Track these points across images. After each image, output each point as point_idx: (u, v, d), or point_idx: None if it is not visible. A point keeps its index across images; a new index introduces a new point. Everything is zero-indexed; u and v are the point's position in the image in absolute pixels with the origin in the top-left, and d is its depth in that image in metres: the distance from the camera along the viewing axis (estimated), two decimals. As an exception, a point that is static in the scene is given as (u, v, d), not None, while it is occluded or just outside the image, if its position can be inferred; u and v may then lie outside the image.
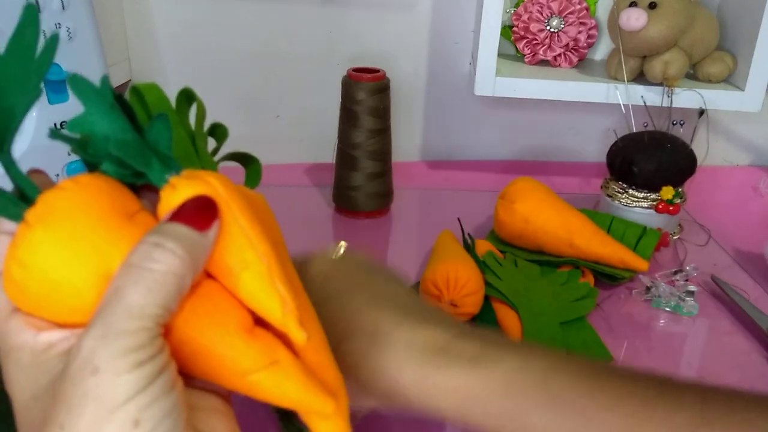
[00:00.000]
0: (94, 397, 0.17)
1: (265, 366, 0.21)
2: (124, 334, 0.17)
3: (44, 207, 0.20)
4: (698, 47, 0.61)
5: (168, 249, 0.19)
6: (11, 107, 0.21)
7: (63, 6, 0.49)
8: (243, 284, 0.21)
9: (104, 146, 0.21)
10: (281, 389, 0.21)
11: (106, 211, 0.20)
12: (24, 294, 0.20)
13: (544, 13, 0.65)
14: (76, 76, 0.22)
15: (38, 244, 0.19)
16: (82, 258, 0.19)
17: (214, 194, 0.21)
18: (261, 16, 0.69)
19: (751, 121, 0.75)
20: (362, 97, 0.59)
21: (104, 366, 0.17)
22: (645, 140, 0.57)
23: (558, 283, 0.48)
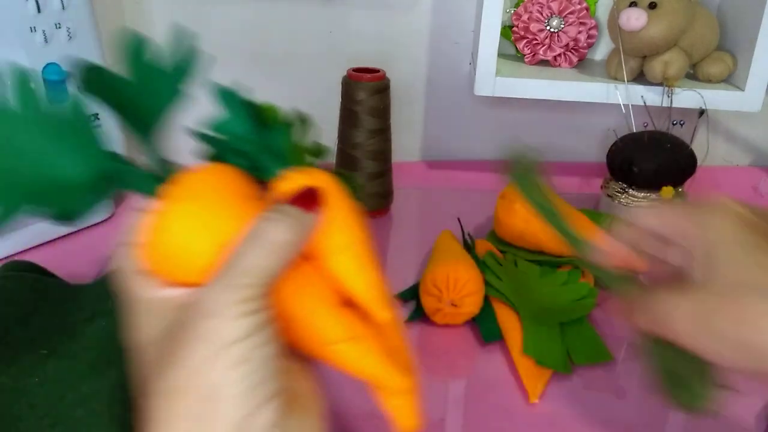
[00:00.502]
0: (206, 337, 0.21)
1: (348, 338, 0.24)
2: (237, 287, 0.21)
3: (181, 185, 0.25)
4: (698, 47, 0.61)
5: (281, 223, 0.23)
6: (154, 109, 0.27)
7: (63, 6, 0.49)
8: (339, 265, 0.25)
9: (235, 144, 0.27)
10: (360, 361, 0.24)
11: (230, 192, 0.25)
12: (156, 254, 0.24)
13: (544, 13, 0.65)
14: (225, 89, 0.29)
15: (174, 214, 0.24)
16: (207, 228, 0.24)
17: (320, 185, 0.25)
18: (261, 16, 0.69)
19: (751, 121, 0.75)
20: (362, 97, 0.59)
21: (219, 312, 0.21)
22: (645, 140, 0.57)
23: (558, 283, 0.48)
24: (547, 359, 0.41)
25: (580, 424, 0.37)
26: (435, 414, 0.37)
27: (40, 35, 0.48)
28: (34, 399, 0.34)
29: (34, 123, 0.25)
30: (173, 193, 0.24)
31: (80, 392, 0.34)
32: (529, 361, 0.41)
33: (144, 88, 0.27)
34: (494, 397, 0.39)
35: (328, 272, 0.25)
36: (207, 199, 0.24)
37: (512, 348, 0.42)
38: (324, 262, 0.25)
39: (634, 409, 0.38)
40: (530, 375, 0.40)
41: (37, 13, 0.48)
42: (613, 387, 0.40)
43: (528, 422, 0.37)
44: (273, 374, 0.22)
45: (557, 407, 0.38)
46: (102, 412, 0.33)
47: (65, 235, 0.55)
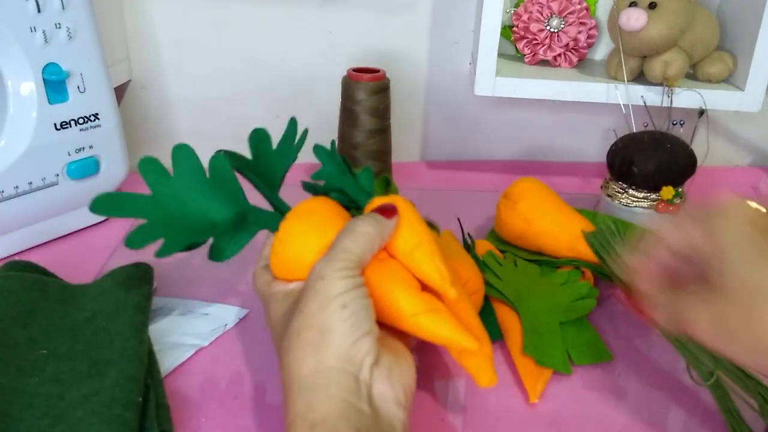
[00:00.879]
0: (320, 291, 0.30)
1: (427, 311, 0.32)
2: (337, 259, 0.31)
3: (297, 209, 0.36)
4: (698, 47, 0.61)
5: (367, 220, 0.33)
6: (278, 169, 0.41)
7: (63, 6, 0.49)
8: (413, 259, 0.34)
9: (332, 184, 0.40)
10: (438, 328, 0.32)
11: (331, 214, 0.36)
12: (281, 261, 0.35)
13: (544, 13, 0.65)
14: (319, 146, 0.41)
15: (293, 228, 0.35)
16: (314, 239, 0.34)
17: (395, 202, 0.35)
18: (261, 16, 0.69)
19: (751, 122, 0.75)
20: (362, 97, 0.59)
21: (325, 275, 0.30)
22: (645, 140, 0.57)
23: (558, 283, 0.48)
24: (547, 359, 0.41)
25: (580, 424, 0.37)
26: (435, 415, 0.37)
27: (40, 35, 0.48)
28: (34, 399, 0.34)
29: (192, 180, 0.36)
30: (288, 218, 0.35)
31: (80, 392, 0.34)
32: (529, 361, 0.41)
33: (266, 161, 0.40)
34: (494, 397, 0.39)
35: (407, 266, 0.34)
36: (313, 218, 0.35)
37: (512, 348, 0.42)
38: (403, 259, 0.34)
39: (635, 409, 0.38)
40: (530, 375, 0.40)
41: (37, 13, 0.48)
42: (613, 387, 0.40)
43: (528, 422, 0.37)
44: (369, 318, 0.30)
45: (557, 407, 0.38)
46: (102, 412, 0.33)
47: (65, 236, 0.55)
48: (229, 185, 0.36)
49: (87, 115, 0.53)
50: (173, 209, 0.35)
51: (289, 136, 0.42)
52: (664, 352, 0.43)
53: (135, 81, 0.71)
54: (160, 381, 0.37)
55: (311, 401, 0.28)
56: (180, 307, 0.45)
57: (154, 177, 0.36)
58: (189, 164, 0.36)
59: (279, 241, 0.35)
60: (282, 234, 0.35)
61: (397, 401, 0.30)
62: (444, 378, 0.40)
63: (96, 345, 0.38)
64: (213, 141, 0.74)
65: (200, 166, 0.36)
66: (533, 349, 0.41)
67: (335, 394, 0.28)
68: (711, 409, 0.38)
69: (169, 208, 0.35)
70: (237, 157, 0.39)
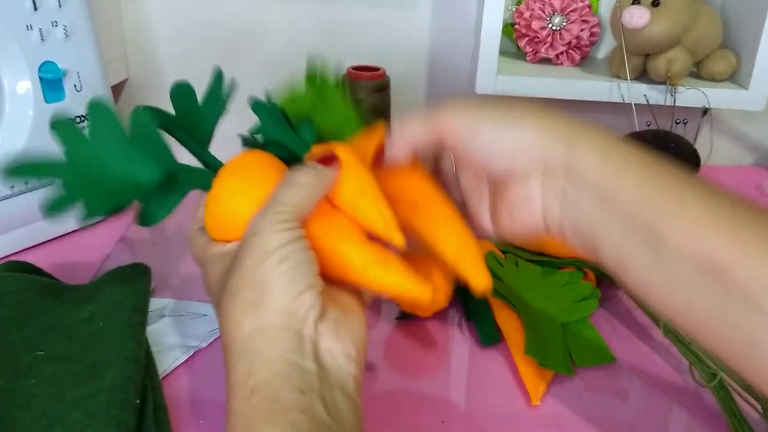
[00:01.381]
0: (255, 246, 0.28)
1: (377, 261, 0.30)
2: (274, 212, 0.28)
3: (230, 164, 0.33)
4: (701, 45, 0.61)
5: (305, 171, 0.30)
6: (207, 124, 0.38)
7: (59, 4, 0.49)
8: (356, 207, 0.31)
9: (270, 137, 0.37)
10: (388, 278, 0.30)
11: (267, 168, 0.33)
12: (216, 221, 0.32)
13: (546, 10, 0.65)
14: (257, 101, 0.38)
15: (227, 184, 0.32)
16: (249, 196, 0.31)
17: (335, 149, 0.32)
18: (260, 14, 0.68)
19: (754, 120, 0.75)
20: (362, 95, 0.58)
21: (262, 229, 0.28)
22: (649, 139, 0.56)
23: (560, 284, 0.47)
24: (549, 360, 0.40)
25: (581, 425, 0.37)
26: (435, 416, 0.37)
27: (37, 33, 0.48)
28: (31, 400, 0.34)
29: (111, 139, 0.33)
30: (221, 175, 0.32)
31: (77, 393, 0.34)
32: (531, 363, 0.40)
33: (193, 117, 0.37)
34: (495, 399, 0.38)
35: (350, 215, 0.32)
36: (248, 173, 0.32)
37: (513, 349, 0.42)
38: (346, 207, 0.32)
39: (637, 411, 0.38)
40: (532, 376, 0.39)
41: (33, 11, 0.47)
42: (615, 388, 0.40)
43: (529, 424, 0.37)
44: (310, 271, 0.28)
45: (559, 409, 0.38)
46: (99, 413, 0.32)
47: (63, 235, 0.55)
48: (153, 143, 0.33)
49: (84, 114, 0.52)
50: (91, 171, 0.32)
51: (215, 89, 0.39)
52: (666, 354, 0.43)
53: (132, 80, 0.70)
54: (158, 382, 0.37)
55: (251, 365, 0.26)
56: (178, 308, 0.45)
57: (67, 137, 0.33)
58: (105, 123, 0.33)
59: (213, 199, 0.32)
60: (216, 191, 0.32)
61: (348, 356, 0.28)
62: (444, 379, 0.40)
63: (93, 346, 0.37)
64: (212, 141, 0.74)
65: (118, 124, 0.33)
66: (535, 351, 0.41)
67: (276, 355, 0.26)
68: (714, 411, 0.38)
69: (86, 170, 0.33)
70: (160, 113, 0.36)
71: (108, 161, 0.33)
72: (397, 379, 0.40)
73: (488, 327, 0.44)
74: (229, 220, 0.32)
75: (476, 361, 0.42)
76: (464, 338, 0.44)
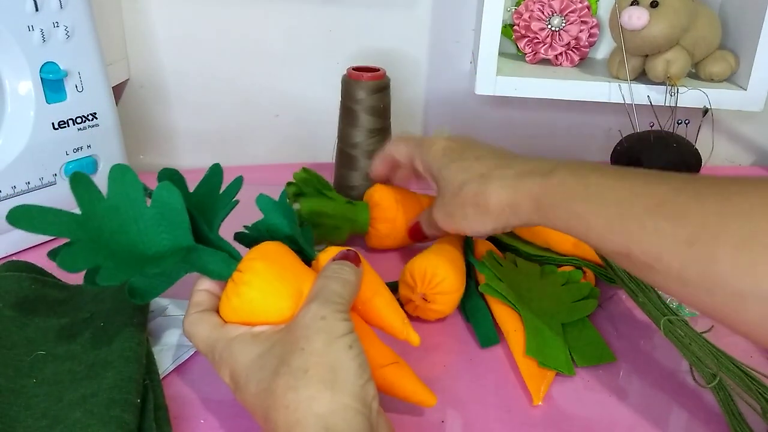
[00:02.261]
0: (323, 330, 0.30)
1: (393, 362, 0.34)
2: (334, 302, 0.31)
3: (261, 251, 0.34)
4: (700, 46, 0.61)
5: (347, 268, 0.34)
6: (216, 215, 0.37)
7: (61, 5, 0.49)
8: (373, 306, 0.35)
9: (280, 232, 0.38)
10: (403, 380, 0.34)
11: (294, 258, 0.35)
12: (244, 304, 0.33)
13: (545, 11, 0.65)
14: (264, 197, 0.38)
15: (262, 270, 0.33)
16: (287, 280, 0.33)
17: (356, 253, 0.36)
18: (260, 15, 0.69)
19: (753, 121, 0.75)
20: (362, 96, 0.59)
21: (327, 315, 0.31)
22: (651, 140, 0.57)
23: (559, 284, 0.48)
24: (550, 360, 0.40)
25: (582, 425, 0.37)
26: (435, 416, 0.37)
27: (38, 34, 0.48)
28: (32, 400, 0.34)
29: (130, 207, 0.33)
30: (253, 260, 0.33)
31: (78, 393, 0.34)
32: (532, 363, 0.40)
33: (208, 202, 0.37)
34: (495, 399, 0.39)
35: (365, 312, 0.36)
36: (280, 261, 0.34)
37: (514, 349, 0.42)
38: (362, 306, 0.35)
39: (637, 411, 0.38)
40: (533, 376, 0.40)
41: (35, 11, 0.47)
42: (616, 388, 0.40)
43: (530, 424, 0.37)
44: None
45: (559, 409, 0.38)
46: (100, 413, 0.32)
47: (64, 235, 0.55)
48: (175, 217, 0.33)
49: (85, 114, 0.52)
50: (103, 234, 0.31)
51: (212, 183, 0.38)
52: (666, 354, 0.43)
53: (133, 80, 0.70)
54: (159, 382, 0.37)
55: None
56: (178, 308, 0.45)
57: (84, 197, 0.32)
58: (127, 189, 0.33)
59: (243, 284, 0.33)
60: (247, 276, 0.33)
61: None
62: (444, 379, 0.40)
63: (94, 346, 0.38)
64: (212, 141, 0.74)
65: (140, 191, 0.33)
66: (536, 351, 0.41)
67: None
68: (713, 411, 0.38)
69: (99, 232, 0.32)
70: (181, 191, 0.35)
71: (123, 227, 0.32)
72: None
73: (486, 328, 0.44)
74: (259, 304, 0.33)
75: (476, 360, 0.42)
76: (464, 338, 0.44)
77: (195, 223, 0.35)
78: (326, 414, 0.28)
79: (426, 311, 0.44)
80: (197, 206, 0.36)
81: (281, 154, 0.74)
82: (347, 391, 0.28)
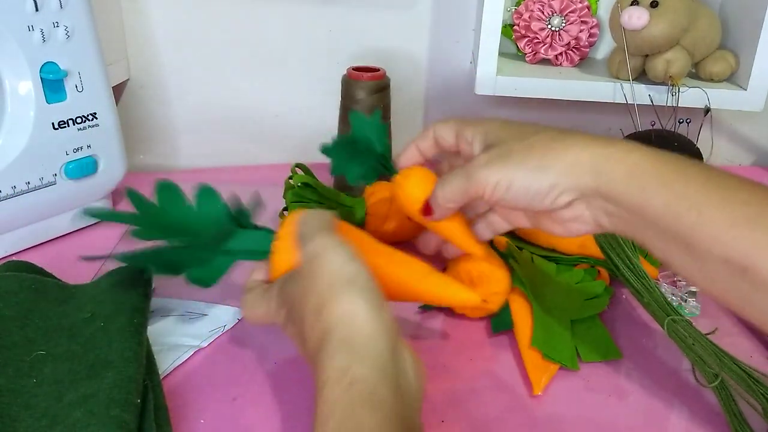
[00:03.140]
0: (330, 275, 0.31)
1: (433, 272, 0.38)
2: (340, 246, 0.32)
3: (285, 230, 0.36)
4: (700, 46, 0.61)
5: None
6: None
7: (61, 5, 0.49)
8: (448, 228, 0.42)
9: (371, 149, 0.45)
10: (443, 285, 0.38)
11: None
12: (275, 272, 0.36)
13: (545, 11, 0.65)
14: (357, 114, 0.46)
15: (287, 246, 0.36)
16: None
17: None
18: (260, 15, 0.69)
19: (753, 121, 0.75)
20: (362, 96, 0.59)
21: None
22: (653, 139, 0.57)
23: (573, 281, 0.48)
24: (555, 353, 0.41)
25: (582, 424, 0.37)
26: (435, 416, 0.37)
27: (38, 34, 0.48)
28: (32, 400, 0.34)
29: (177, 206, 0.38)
30: (281, 235, 0.36)
31: (78, 393, 0.34)
32: (537, 354, 0.41)
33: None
34: (496, 399, 0.39)
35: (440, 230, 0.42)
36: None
37: (520, 341, 0.42)
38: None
39: (638, 409, 0.38)
40: (536, 367, 0.40)
41: (35, 11, 0.47)
42: (617, 387, 0.40)
43: (529, 424, 0.37)
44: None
45: (559, 408, 0.38)
46: (100, 413, 0.32)
47: (63, 236, 0.55)
48: (216, 207, 0.38)
49: (85, 114, 0.52)
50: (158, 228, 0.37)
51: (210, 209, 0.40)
52: (668, 353, 0.43)
53: (133, 80, 0.70)
54: (159, 382, 0.37)
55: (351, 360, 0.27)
56: (178, 308, 0.45)
57: (139, 202, 0.38)
58: (172, 195, 0.38)
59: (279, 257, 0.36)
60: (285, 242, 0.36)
61: (420, 389, 0.29)
62: (444, 378, 0.40)
63: (94, 346, 0.37)
64: (212, 141, 0.74)
65: (182, 195, 0.38)
66: (542, 343, 0.41)
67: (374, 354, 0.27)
68: (714, 411, 0.38)
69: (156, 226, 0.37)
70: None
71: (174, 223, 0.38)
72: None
73: (504, 313, 0.44)
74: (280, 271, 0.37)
75: (477, 360, 0.42)
76: (465, 338, 0.44)
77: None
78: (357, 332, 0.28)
79: (476, 311, 0.45)
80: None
81: (281, 154, 0.74)
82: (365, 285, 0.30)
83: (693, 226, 0.29)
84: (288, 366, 0.40)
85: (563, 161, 0.33)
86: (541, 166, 0.33)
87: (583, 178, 0.32)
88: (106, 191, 0.57)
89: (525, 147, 0.34)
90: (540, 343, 0.41)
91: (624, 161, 0.31)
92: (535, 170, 0.33)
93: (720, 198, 0.28)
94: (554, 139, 0.34)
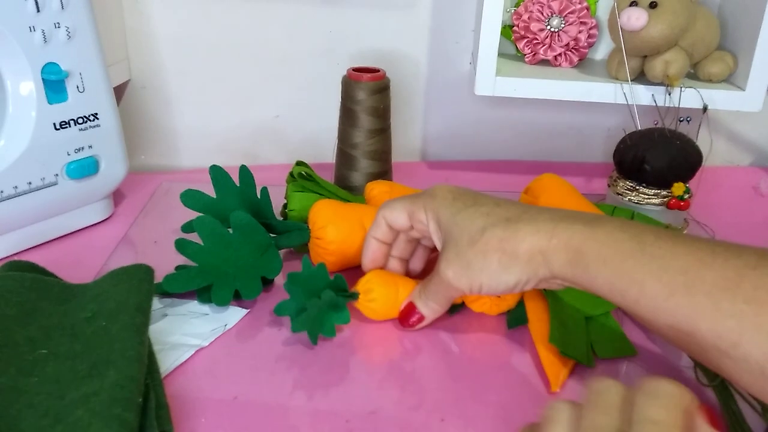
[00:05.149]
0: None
1: None
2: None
3: (321, 220, 0.49)
4: (699, 47, 0.61)
5: None
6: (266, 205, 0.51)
7: (62, 5, 0.49)
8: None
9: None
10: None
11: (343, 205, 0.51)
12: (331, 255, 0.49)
13: (544, 12, 0.65)
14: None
15: (326, 232, 0.48)
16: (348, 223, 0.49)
17: None
18: (260, 15, 0.69)
19: (751, 121, 0.75)
20: (362, 96, 0.59)
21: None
22: (655, 137, 0.57)
23: None
24: (571, 350, 0.41)
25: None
26: (435, 415, 0.37)
27: (39, 35, 0.48)
28: (34, 399, 0.34)
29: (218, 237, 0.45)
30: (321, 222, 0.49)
31: (80, 392, 0.34)
32: (552, 351, 0.41)
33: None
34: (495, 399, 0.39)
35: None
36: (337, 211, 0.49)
37: (535, 337, 0.43)
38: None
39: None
40: (553, 364, 0.40)
41: (36, 12, 0.47)
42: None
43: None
44: None
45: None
46: (102, 412, 0.32)
47: (65, 236, 0.55)
48: (254, 230, 0.46)
49: (86, 114, 0.52)
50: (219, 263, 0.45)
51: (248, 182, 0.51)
52: (670, 352, 0.43)
53: (134, 81, 0.70)
54: (160, 381, 0.37)
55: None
56: (180, 307, 0.45)
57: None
58: (212, 228, 0.45)
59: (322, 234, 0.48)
60: (324, 230, 0.48)
61: None
62: (444, 378, 0.40)
63: (96, 345, 0.38)
64: (212, 141, 0.74)
65: (221, 226, 0.45)
66: (558, 340, 0.41)
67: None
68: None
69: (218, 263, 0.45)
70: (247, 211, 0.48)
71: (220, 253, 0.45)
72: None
73: (520, 309, 0.45)
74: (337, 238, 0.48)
75: (477, 360, 0.42)
76: (465, 338, 0.44)
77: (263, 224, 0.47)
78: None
79: (493, 307, 0.45)
80: (253, 209, 0.48)
81: (281, 154, 0.74)
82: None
83: (637, 299, 0.31)
84: (289, 365, 0.41)
85: (519, 260, 0.35)
86: (501, 269, 0.36)
87: (540, 269, 0.35)
88: (108, 191, 0.57)
89: (479, 253, 0.36)
90: (557, 340, 0.41)
91: (566, 248, 0.34)
92: (498, 273, 0.36)
93: (657, 268, 0.30)
94: (503, 238, 0.36)
